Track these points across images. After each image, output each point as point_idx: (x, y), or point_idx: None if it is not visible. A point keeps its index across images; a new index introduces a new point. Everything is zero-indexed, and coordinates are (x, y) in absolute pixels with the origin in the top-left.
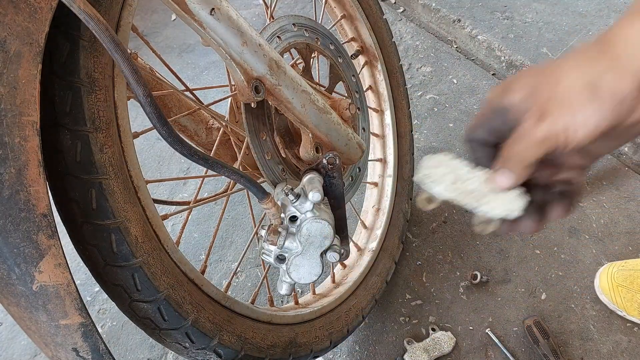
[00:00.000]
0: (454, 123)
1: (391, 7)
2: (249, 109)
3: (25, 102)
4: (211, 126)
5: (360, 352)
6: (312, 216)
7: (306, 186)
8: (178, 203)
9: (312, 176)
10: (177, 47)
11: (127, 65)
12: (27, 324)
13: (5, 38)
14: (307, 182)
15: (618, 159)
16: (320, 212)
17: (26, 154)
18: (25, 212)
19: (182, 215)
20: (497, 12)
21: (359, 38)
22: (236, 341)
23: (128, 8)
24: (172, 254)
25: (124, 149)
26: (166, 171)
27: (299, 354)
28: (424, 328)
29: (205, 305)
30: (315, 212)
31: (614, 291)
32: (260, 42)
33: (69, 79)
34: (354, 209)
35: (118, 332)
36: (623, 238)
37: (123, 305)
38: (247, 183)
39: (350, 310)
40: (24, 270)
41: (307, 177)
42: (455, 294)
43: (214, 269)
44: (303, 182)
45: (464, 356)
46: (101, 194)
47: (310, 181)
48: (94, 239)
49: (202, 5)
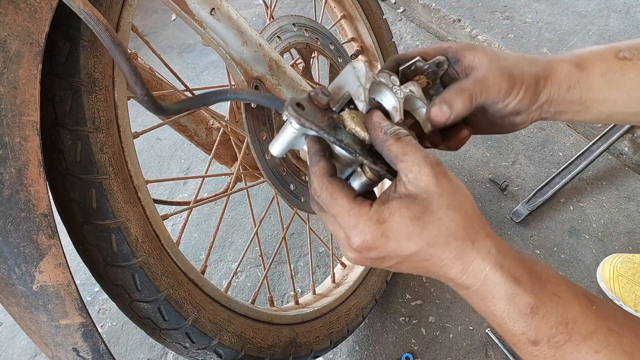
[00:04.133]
0: None
1: (391, 7)
2: (249, 109)
3: (25, 102)
4: (211, 126)
5: (360, 352)
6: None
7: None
8: (178, 203)
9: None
10: (177, 47)
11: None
12: (27, 324)
13: (6, 38)
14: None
15: (618, 159)
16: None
17: (26, 154)
18: (25, 212)
19: (182, 215)
20: (497, 12)
21: (359, 38)
22: (236, 341)
23: (128, 8)
24: (172, 254)
25: (124, 149)
26: (166, 171)
27: (299, 354)
28: (424, 328)
29: (206, 305)
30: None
31: (614, 280)
32: (260, 42)
33: (69, 79)
34: None
35: (118, 332)
36: (623, 238)
37: (123, 305)
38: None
39: (351, 310)
40: (24, 270)
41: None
42: (455, 294)
43: (214, 269)
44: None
45: (464, 356)
46: (101, 194)
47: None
48: (94, 238)
49: (202, 5)
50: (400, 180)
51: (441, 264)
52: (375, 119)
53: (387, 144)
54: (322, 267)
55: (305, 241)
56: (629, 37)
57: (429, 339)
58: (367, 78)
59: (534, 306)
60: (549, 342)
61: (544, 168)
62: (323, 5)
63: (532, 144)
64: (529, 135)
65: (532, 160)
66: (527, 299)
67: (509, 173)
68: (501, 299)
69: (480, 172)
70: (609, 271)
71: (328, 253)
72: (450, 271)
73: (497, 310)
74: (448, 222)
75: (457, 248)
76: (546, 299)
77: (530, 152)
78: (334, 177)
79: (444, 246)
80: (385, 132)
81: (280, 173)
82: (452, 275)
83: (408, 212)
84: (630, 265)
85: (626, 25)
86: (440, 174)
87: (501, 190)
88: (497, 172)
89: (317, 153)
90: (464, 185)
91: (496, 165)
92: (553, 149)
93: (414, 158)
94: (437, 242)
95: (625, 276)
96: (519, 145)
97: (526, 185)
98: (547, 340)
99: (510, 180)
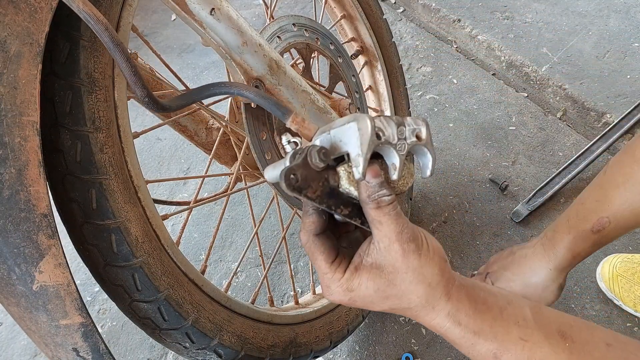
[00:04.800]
0: (454, 123)
1: (391, 7)
2: (249, 109)
3: (25, 102)
4: (211, 126)
5: (360, 352)
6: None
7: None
8: (178, 203)
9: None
10: (177, 47)
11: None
12: (27, 324)
13: (6, 38)
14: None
15: None
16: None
17: (26, 154)
18: (25, 212)
19: (182, 215)
20: (497, 12)
21: (359, 38)
22: (236, 341)
23: (128, 8)
24: (172, 254)
25: (124, 149)
26: (166, 171)
27: (299, 354)
28: (424, 328)
29: (206, 305)
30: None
31: (614, 280)
32: (260, 42)
33: (69, 79)
34: None
35: (118, 332)
36: (623, 238)
37: (123, 305)
38: (265, 100)
39: (351, 310)
40: (24, 270)
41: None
42: None
43: (214, 269)
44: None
45: (464, 356)
46: (101, 194)
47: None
48: (94, 239)
49: (202, 6)
50: (374, 244)
51: (409, 314)
52: (367, 178)
53: (367, 207)
54: None
55: None
56: (629, 37)
57: (429, 339)
58: (369, 145)
59: (496, 353)
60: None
61: (544, 168)
62: (323, 5)
63: (532, 144)
64: (529, 135)
65: (532, 160)
66: (489, 346)
67: (509, 173)
68: (463, 347)
69: (480, 172)
70: (609, 271)
71: None
72: (418, 319)
73: (464, 352)
74: (410, 296)
75: (418, 312)
76: (510, 344)
77: (530, 152)
78: (318, 237)
79: (406, 309)
80: (369, 195)
81: None
82: (421, 320)
83: (373, 284)
84: (629, 265)
85: (626, 25)
86: (409, 252)
87: (501, 190)
88: (497, 172)
89: (311, 206)
90: (438, 250)
91: (496, 165)
92: (553, 149)
93: (387, 231)
94: (399, 306)
95: (624, 276)
96: (519, 145)
97: (526, 185)
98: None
99: (510, 180)
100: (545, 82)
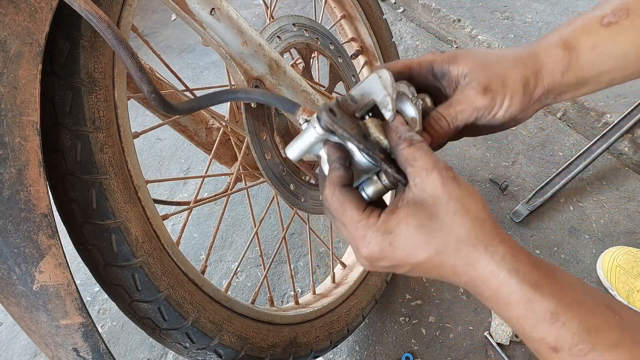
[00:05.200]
0: None
1: (391, 7)
2: (249, 109)
3: (25, 102)
4: (211, 126)
5: (360, 352)
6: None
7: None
8: (178, 203)
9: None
10: (177, 47)
11: (132, 61)
12: (28, 324)
13: (6, 38)
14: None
15: (618, 159)
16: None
17: (26, 154)
18: (25, 212)
19: (182, 215)
20: (497, 12)
21: (359, 38)
22: (236, 341)
23: (128, 8)
24: (172, 254)
25: (124, 148)
26: (166, 171)
27: (299, 354)
28: (424, 328)
29: (206, 305)
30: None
31: (612, 270)
32: (260, 42)
33: (69, 79)
34: None
35: (118, 332)
36: (623, 238)
37: (123, 305)
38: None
39: (351, 310)
40: (24, 270)
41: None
42: (455, 294)
43: (214, 269)
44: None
45: (464, 356)
46: (101, 194)
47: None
48: (94, 238)
49: (202, 5)
50: (409, 186)
51: (453, 271)
52: (396, 124)
53: (399, 147)
54: (322, 267)
55: (305, 241)
56: None
57: (429, 339)
58: (393, 88)
59: (554, 312)
60: (571, 350)
61: (544, 168)
62: (323, 5)
63: (532, 144)
64: (529, 135)
65: (532, 160)
66: (547, 304)
67: (509, 173)
68: (517, 305)
69: (480, 172)
70: (609, 261)
71: (328, 253)
72: (462, 277)
73: (514, 316)
74: (457, 229)
75: (468, 255)
76: (567, 305)
77: (530, 152)
78: (346, 187)
79: (454, 253)
80: (400, 137)
81: (280, 173)
82: (464, 281)
83: (414, 220)
84: (630, 259)
85: None
86: (448, 179)
87: (501, 190)
88: (497, 172)
89: (337, 160)
90: (476, 190)
91: (496, 165)
92: (553, 149)
93: (422, 163)
94: (446, 249)
95: (623, 267)
96: (519, 145)
97: (526, 185)
98: (569, 349)
99: (510, 180)
100: None
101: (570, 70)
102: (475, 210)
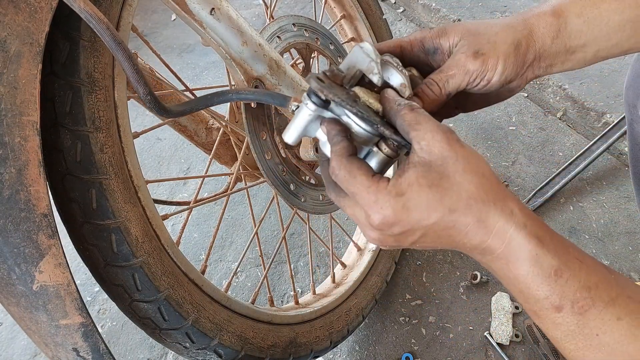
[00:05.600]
0: (454, 123)
1: (391, 7)
2: (248, 109)
3: (25, 102)
4: (211, 126)
5: (360, 352)
6: None
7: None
8: (178, 203)
9: None
10: (177, 47)
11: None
12: (27, 324)
13: (6, 38)
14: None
15: (618, 159)
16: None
17: (26, 154)
18: (25, 212)
19: (182, 215)
20: (497, 12)
21: (359, 38)
22: (236, 341)
23: (128, 8)
24: (172, 254)
25: (124, 148)
26: (166, 171)
27: (299, 354)
28: (424, 328)
29: (206, 305)
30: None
31: None
32: (260, 42)
33: (69, 79)
34: None
35: (118, 332)
36: (623, 238)
37: (123, 305)
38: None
39: (351, 310)
40: (24, 270)
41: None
42: (455, 294)
43: (214, 269)
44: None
45: (464, 356)
46: (101, 194)
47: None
48: (94, 238)
49: (202, 5)
50: (414, 149)
51: (465, 230)
52: (389, 94)
53: (401, 113)
54: (322, 267)
55: (305, 241)
56: None
57: (429, 339)
58: (376, 54)
59: (558, 269)
60: (573, 307)
61: (544, 168)
62: (323, 5)
63: (532, 144)
64: (529, 135)
65: (532, 160)
66: (551, 261)
67: (509, 173)
68: (525, 260)
69: None
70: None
71: (328, 253)
72: (475, 236)
73: (521, 273)
74: (467, 185)
75: (480, 210)
76: (569, 262)
77: (530, 152)
78: (352, 157)
79: (466, 210)
80: (399, 104)
81: (280, 173)
82: (477, 240)
83: (425, 180)
84: None
85: None
86: (452, 140)
87: None
88: (497, 172)
89: (338, 134)
90: (478, 152)
91: (496, 165)
92: (553, 149)
93: (426, 126)
94: (458, 206)
95: None
96: (519, 145)
97: (526, 185)
98: (571, 306)
99: (510, 180)
100: (545, 82)
101: (560, 36)
102: (482, 168)
